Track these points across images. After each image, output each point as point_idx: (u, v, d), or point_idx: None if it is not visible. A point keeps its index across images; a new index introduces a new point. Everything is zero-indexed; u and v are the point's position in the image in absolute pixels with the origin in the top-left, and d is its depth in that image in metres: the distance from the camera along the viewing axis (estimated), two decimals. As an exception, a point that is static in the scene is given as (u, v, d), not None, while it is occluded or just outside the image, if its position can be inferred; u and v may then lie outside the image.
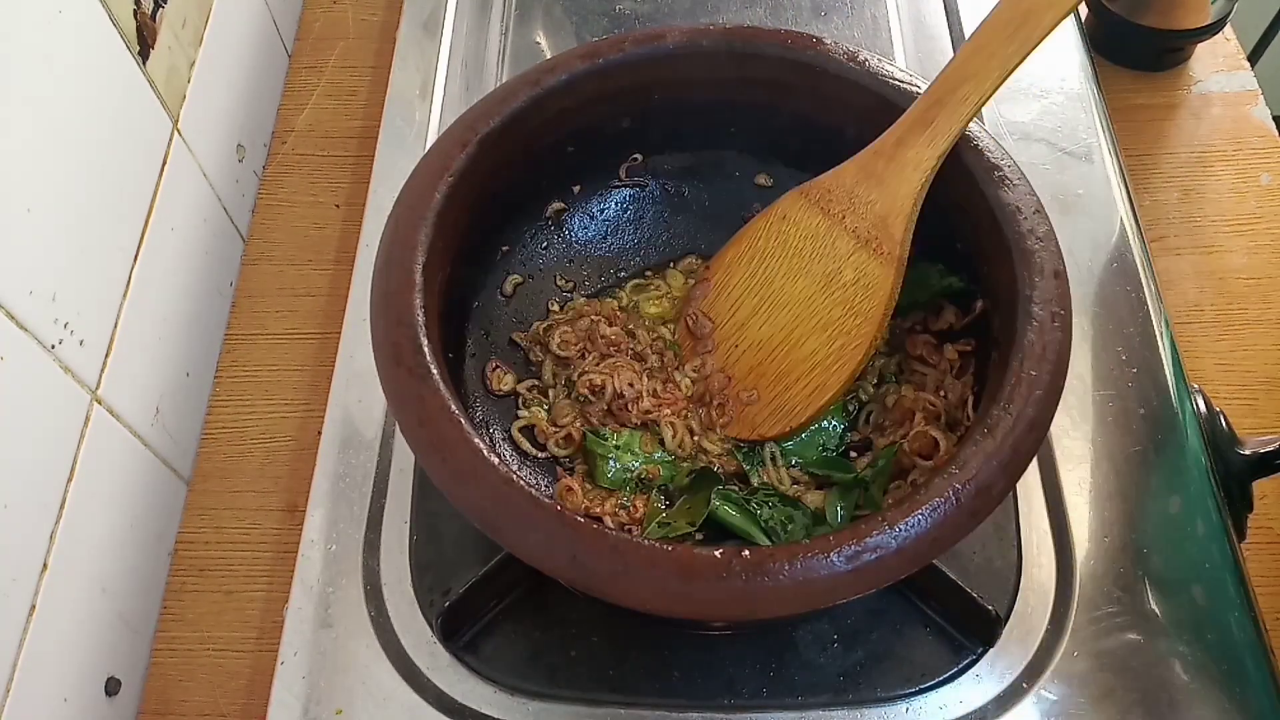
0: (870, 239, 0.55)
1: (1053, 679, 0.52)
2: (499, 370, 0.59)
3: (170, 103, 0.68)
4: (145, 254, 0.64)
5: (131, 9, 0.63)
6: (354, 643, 0.54)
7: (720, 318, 0.60)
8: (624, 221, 0.65)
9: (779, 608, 0.42)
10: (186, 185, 0.70)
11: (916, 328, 0.59)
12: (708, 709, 0.53)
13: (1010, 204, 0.51)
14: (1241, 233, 0.74)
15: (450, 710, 0.52)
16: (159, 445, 0.64)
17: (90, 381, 0.58)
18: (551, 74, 0.56)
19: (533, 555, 0.43)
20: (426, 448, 0.45)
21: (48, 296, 0.54)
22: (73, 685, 0.55)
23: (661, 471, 0.56)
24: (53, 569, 0.54)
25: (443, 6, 0.81)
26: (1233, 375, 0.68)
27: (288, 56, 0.86)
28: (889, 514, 0.42)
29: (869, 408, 0.59)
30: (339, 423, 0.62)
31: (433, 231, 0.51)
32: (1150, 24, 0.78)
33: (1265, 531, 0.62)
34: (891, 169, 0.54)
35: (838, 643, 0.54)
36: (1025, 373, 0.46)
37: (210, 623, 0.62)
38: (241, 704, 0.59)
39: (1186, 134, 0.79)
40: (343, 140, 0.81)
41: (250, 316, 0.73)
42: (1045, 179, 0.69)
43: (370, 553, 0.57)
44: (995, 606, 0.53)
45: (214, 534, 0.65)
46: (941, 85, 0.52)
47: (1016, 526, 0.56)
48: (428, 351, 0.47)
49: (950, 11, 0.80)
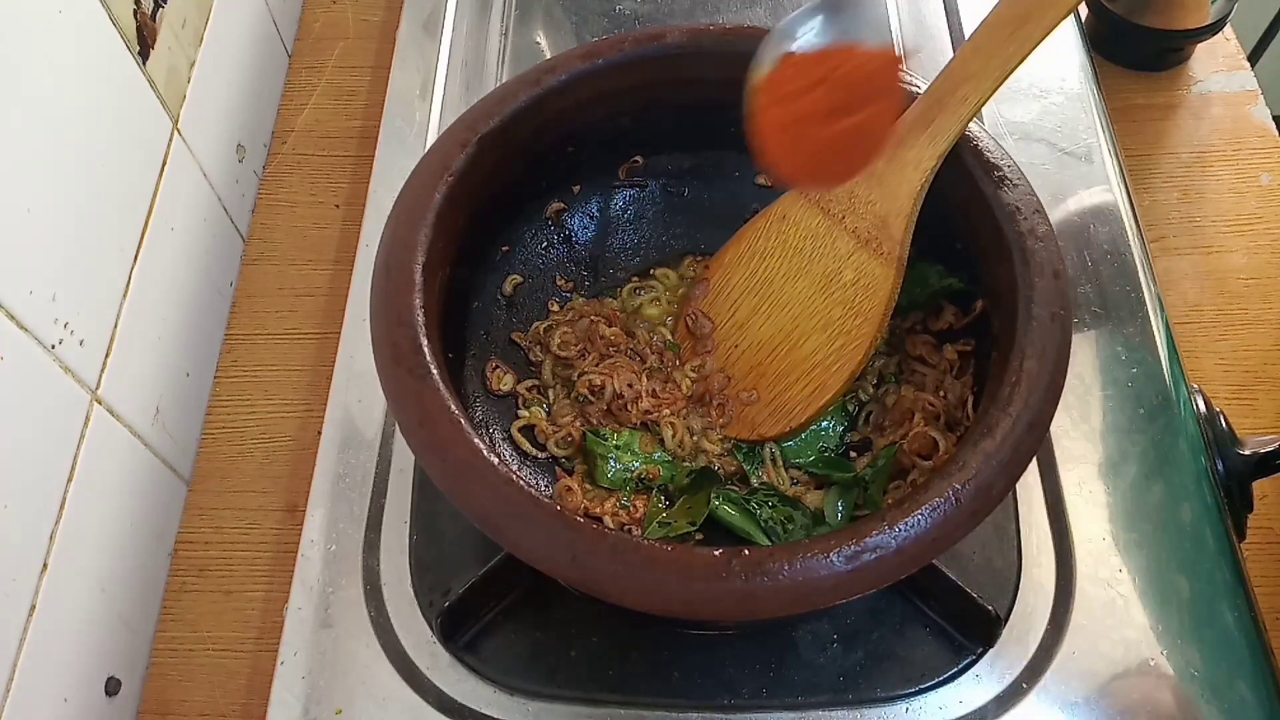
0: (870, 239, 0.55)
1: (1053, 679, 0.52)
2: (499, 370, 0.59)
3: (170, 103, 0.68)
4: (145, 254, 0.64)
5: (131, 9, 0.63)
6: (354, 643, 0.54)
7: (720, 318, 0.60)
8: (624, 221, 0.65)
9: (779, 608, 0.42)
10: (186, 185, 0.70)
11: (916, 328, 0.59)
12: (708, 709, 0.53)
13: (1010, 204, 0.51)
14: (1241, 233, 0.74)
15: (450, 710, 0.52)
16: (159, 445, 0.64)
17: (90, 381, 0.58)
18: (551, 74, 0.56)
19: (533, 555, 0.43)
20: (426, 448, 0.45)
21: (48, 296, 0.54)
22: (73, 685, 0.55)
23: (661, 471, 0.56)
24: (53, 569, 0.54)
25: (443, 6, 0.81)
26: (1233, 375, 0.68)
27: (288, 56, 0.86)
28: (889, 514, 0.42)
29: (869, 408, 0.59)
30: (339, 423, 0.62)
31: (433, 232, 0.51)
32: (1150, 24, 0.78)
33: (1265, 531, 0.62)
34: (891, 169, 0.53)
35: (838, 643, 0.54)
36: (1025, 373, 0.46)
37: (210, 623, 0.62)
38: (241, 704, 0.59)
39: (1186, 134, 0.79)
40: (343, 140, 0.81)
41: (250, 316, 0.73)
42: (1045, 179, 0.69)
43: (370, 553, 0.57)
44: (995, 606, 0.53)
45: (214, 534, 0.65)
46: (942, 85, 0.52)
47: (1016, 526, 0.56)
48: (427, 351, 0.47)
49: (950, 11, 0.80)
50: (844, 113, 0.49)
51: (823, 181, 0.50)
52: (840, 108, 0.49)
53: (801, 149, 0.49)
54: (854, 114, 0.49)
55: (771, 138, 0.49)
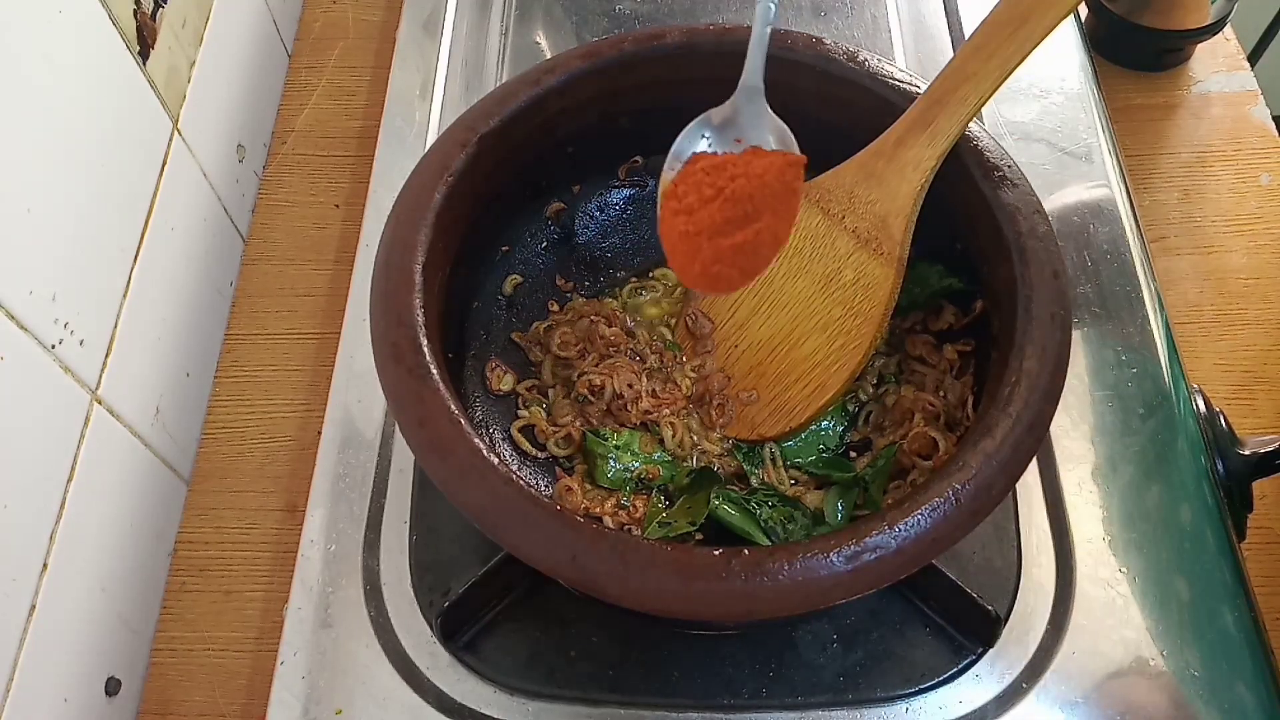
0: (870, 239, 0.55)
1: (1053, 679, 0.52)
2: (499, 370, 0.59)
3: (170, 103, 0.68)
4: (145, 254, 0.64)
5: (131, 9, 0.63)
6: (354, 643, 0.54)
7: (720, 318, 0.60)
8: (624, 221, 0.65)
9: (779, 608, 0.42)
10: (186, 185, 0.70)
11: (916, 328, 0.59)
12: (708, 709, 0.53)
13: (1010, 204, 0.51)
14: (1241, 233, 0.74)
15: (450, 710, 0.52)
16: (159, 445, 0.64)
17: (90, 381, 0.58)
18: (551, 74, 0.56)
19: (533, 555, 0.43)
20: (426, 448, 0.45)
21: (48, 296, 0.54)
22: (73, 685, 0.55)
23: (661, 471, 0.56)
24: (53, 569, 0.54)
25: (443, 6, 0.81)
26: (1233, 375, 0.68)
27: (288, 56, 0.86)
28: (889, 514, 0.42)
29: (869, 408, 0.59)
30: (339, 423, 0.62)
31: (433, 231, 0.51)
32: (1150, 24, 0.78)
33: (1265, 532, 0.62)
34: (891, 169, 0.54)
35: (838, 643, 0.54)
36: (1025, 373, 0.46)
37: (210, 623, 0.62)
38: (241, 704, 0.59)
39: (1186, 134, 0.79)
40: (343, 140, 0.81)
41: (250, 316, 0.73)
42: (1045, 179, 0.69)
43: (370, 553, 0.57)
44: (995, 606, 0.53)
45: (214, 534, 0.65)
46: (941, 85, 0.52)
47: (1016, 526, 0.56)
48: (427, 351, 0.47)
49: (950, 11, 0.80)
50: (742, 223, 0.50)
51: (716, 289, 0.53)
52: (738, 218, 0.50)
53: (698, 260, 0.51)
54: (751, 224, 0.50)
55: (672, 247, 0.51)
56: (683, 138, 0.51)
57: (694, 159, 0.51)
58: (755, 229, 0.50)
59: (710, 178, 0.50)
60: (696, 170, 0.51)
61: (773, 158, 0.50)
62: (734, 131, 0.51)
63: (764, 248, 0.51)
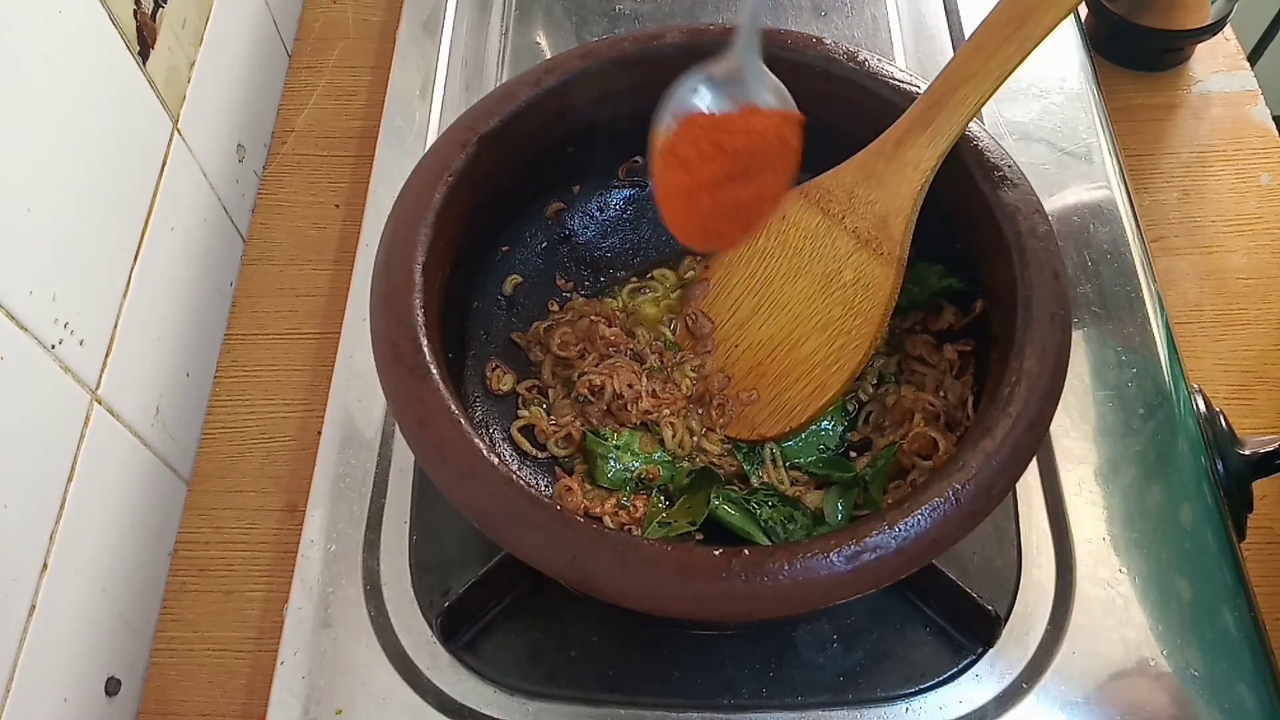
0: (870, 239, 0.55)
1: (1052, 679, 0.52)
2: (499, 370, 0.59)
3: (170, 103, 0.68)
4: (145, 254, 0.64)
5: (131, 9, 0.63)
6: (354, 643, 0.54)
7: (720, 318, 0.60)
8: (624, 221, 0.65)
9: (779, 608, 0.42)
10: (186, 185, 0.70)
11: (916, 328, 0.59)
12: (708, 709, 0.53)
13: (1010, 204, 0.51)
14: (1241, 233, 0.74)
15: (450, 710, 0.52)
16: (159, 445, 0.64)
17: (90, 381, 0.58)
18: (551, 74, 0.56)
19: (533, 555, 0.43)
20: (426, 448, 0.45)
21: (48, 296, 0.54)
22: (73, 685, 0.55)
23: (661, 471, 0.56)
24: (53, 569, 0.54)
25: (443, 6, 0.81)
26: (1233, 375, 0.68)
27: (288, 56, 0.86)
28: (889, 514, 0.42)
29: (869, 408, 0.59)
30: (339, 423, 0.62)
31: (433, 231, 0.51)
32: (1150, 24, 0.78)
33: (1265, 532, 0.62)
34: (891, 169, 0.54)
35: (837, 643, 0.54)
36: (1024, 373, 0.46)
37: (210, 623, 0.62)
38: (241, 704, 0.59)
39: (1186, 134, 0.79)
40: (343, 140, 0.81)
41: (250, 316, 0.73)
42: (1045, 179, 0.69)
43: (370, 553, 0.57)
44: (995, 606, 0.53)
45: (214, 534, 0.65)
46: (941, 85, 0.52)
47: (1016, 526, 0.56)
48: (427, 351, 0.47)
49: (950, 11, 0.80)
50: (740, 179, 0.50)
51: (715, 245, 0.53)
52: (738, 174, 0.50)
53: (696, 215, 0.51)
54: (750, 180, 0.50)
55: (669, 203, 0.51)
56: (679, 94, 0.51)
57: (691, 117, 0.51)
58: (756, 185, 0.50)
59: (710, 135, 0.50)
60: (695, 128, 0.50)
61: (772, 115, 0.50)
62: (731, 89, 0.51)
63: (764, 203, 0.51)
